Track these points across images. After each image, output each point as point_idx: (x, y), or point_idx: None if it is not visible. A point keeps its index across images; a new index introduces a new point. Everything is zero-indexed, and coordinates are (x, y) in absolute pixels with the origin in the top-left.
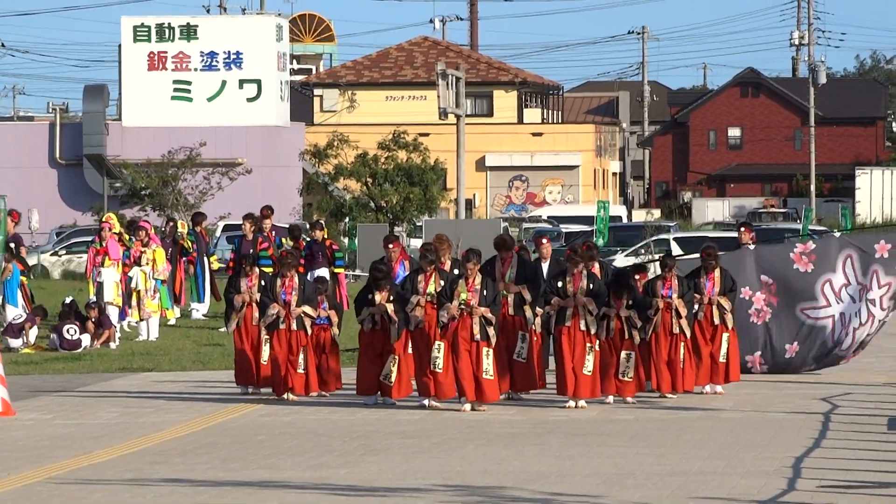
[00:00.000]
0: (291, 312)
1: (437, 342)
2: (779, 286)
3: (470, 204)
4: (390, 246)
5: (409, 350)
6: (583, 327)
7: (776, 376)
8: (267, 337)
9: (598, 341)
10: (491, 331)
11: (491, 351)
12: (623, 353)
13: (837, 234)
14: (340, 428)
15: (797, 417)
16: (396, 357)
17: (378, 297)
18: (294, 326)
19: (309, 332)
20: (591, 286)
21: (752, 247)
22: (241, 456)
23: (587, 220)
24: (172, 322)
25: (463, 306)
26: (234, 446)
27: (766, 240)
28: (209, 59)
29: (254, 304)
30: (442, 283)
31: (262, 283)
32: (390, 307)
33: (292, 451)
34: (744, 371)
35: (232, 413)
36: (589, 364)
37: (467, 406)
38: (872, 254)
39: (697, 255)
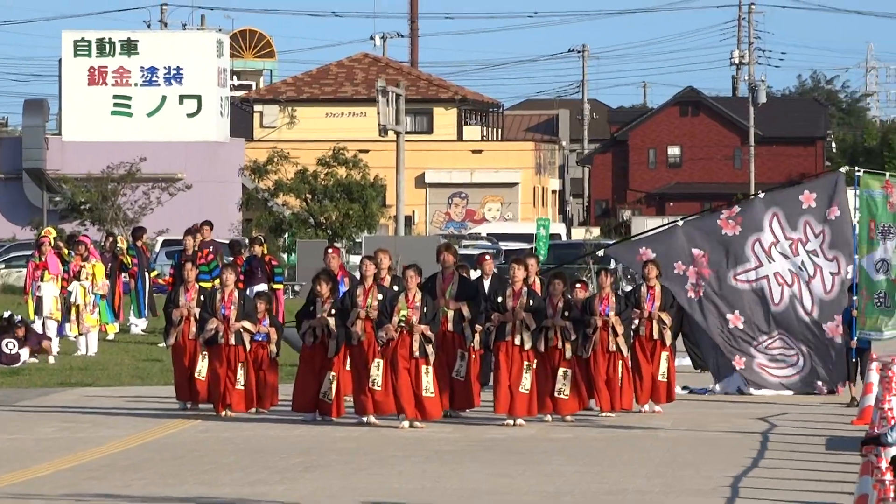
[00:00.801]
0: (230, 327)
1: (376, 359)
2: (710, 257)
3: (409, 221)
4: (329, 251)
5: (347, 367)
6: (518, 342)
7: (715, 397)
8: (205, 352)
9: (535, 359)
10: (430, 348)
11: (430, 368)
12: (560, 371)
13: (762, 195)
14: (279, 444)
15: (735, 437)
16: (335, 374)
17: (324, 291)
18: (233, 341)
19: (248, 347)
20: (531, 302)
21: (680, 222)
22: (179, 472)
23: (527, 237)
24: (111, 337)
25: (403, 323)
26: (172, 462)
27: None
28: (149, 75)
29: (192, 319)
30: (380, 296)
31: (202, 297)
32: (331, 321)
33: (230, 467)
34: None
35: (170, 428)
36: (526, 382)
37: (405, 423)
38: (800, 205)
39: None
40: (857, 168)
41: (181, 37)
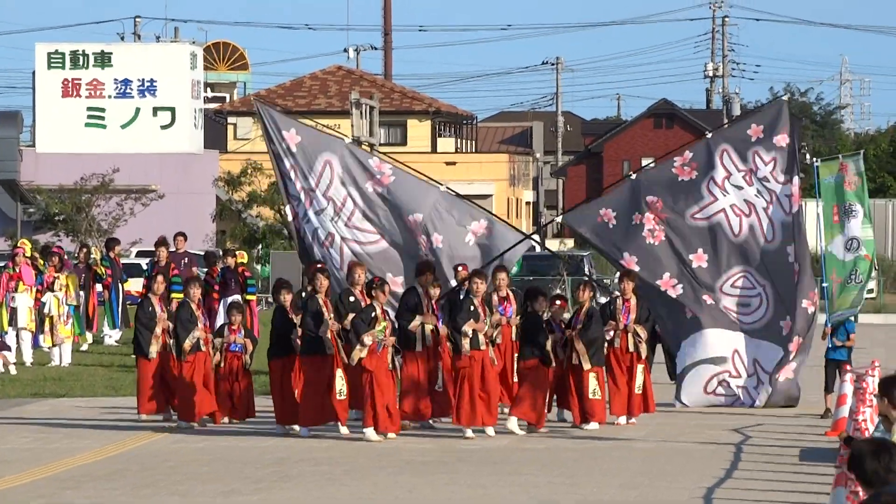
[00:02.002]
0: (207, 337)
1: (338, 370)
2: (665, 202)
3: None
4: (317, 267)
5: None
6: (491, 354)
7: (689, 408)
8: (185, 362)
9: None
10: (398, 361)
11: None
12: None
13: (710, 135)
14: (253, 454)
15: (709, 448)
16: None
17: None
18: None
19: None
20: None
21: (633, 175)
22: (152, 482)
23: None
24: (85, 348)
25: (381, 337)
26: (146, 472)
27: None
28: (123, 87)
29: (167, 331)
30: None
31: (170, 308)
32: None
33: (204, 477)
34: (656, 295)
35: (144, 439)
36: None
37: (376, 435)
38: (748, 139)
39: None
40: (814, 158)
41: (155, 49)
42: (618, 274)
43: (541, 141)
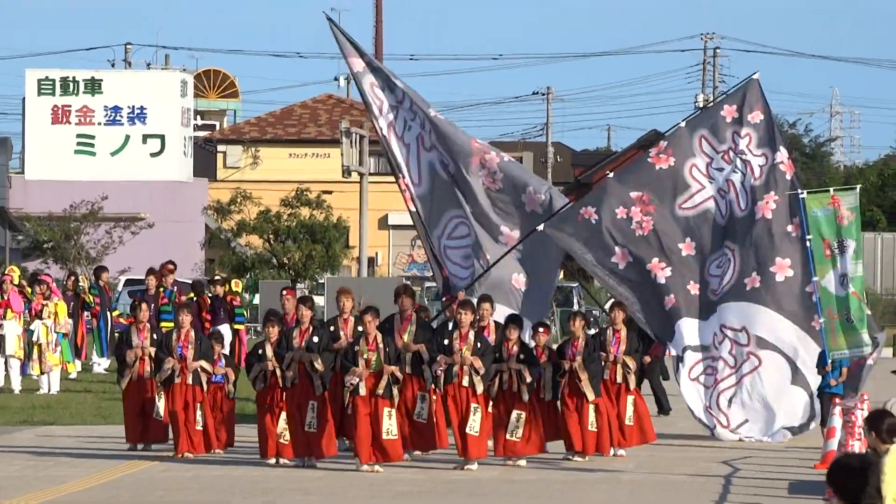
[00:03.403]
0: (188, 367)
1: (311, 402)
2: (651, 195)
3: (372, 262)
4: (284, 292)
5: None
6: (465, 384)
7: (678, 440)
8: (161, 392)
9: (489, 400)
10: (395, 390)
11: (393, 411)
12: (514, 414)
13: (683, 123)
14: (241, 484)
15: (698, 480)
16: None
17: (273, 333)
18: (190, 381)
19: (205, 388)
20: (479, 345)
21: (610, 174)
22: None
23: None
24: (73, 376)
25: (371, 366)
26: (134, 501)
27: None
28: (113, 114)
29: (147, 359)
30: (315, 339)
31: (155, 336)
32: (317, 359)
33: None
34: (647, 281)
35: (132, 468)
36: (475, 424)
37: (364, 467)
38: (724, 120)
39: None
40: (800, 191)
41: (145, 76)
42: (608, 305)
43: (531, 171)
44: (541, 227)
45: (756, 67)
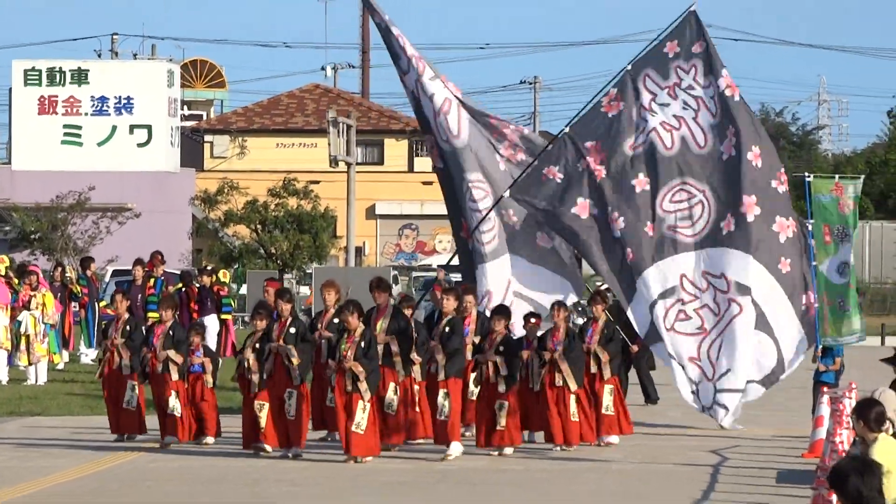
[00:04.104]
0: (157, 356)
1: (288, 390)
2: (604, 143)
3: (360, 252)
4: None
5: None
6: (433, 370)
7: (666, 429)
8: (134, 383)
9: (458, 385)
10: (362, 385)
11: (367, 404)
12: (497, 403)
13: (629, 67)
14: (228, 475)
15: (686, 469)
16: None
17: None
18: (159, 370)
19: (174, 376)
20: (447, 330)
21: (567, 129)
22: (129, 502)
23: None
24: (61, 366)
25: (342, 359)
26: (122, 492)
27: None
28: (100, 104)
29: (116, 350)
30: (293, 330)
31: (128, 328)
32: (292, 351)
33: (180, 497)
34: (609, 236)
35: (119, 459)
36: (444, 409)
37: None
38: (666, 56)
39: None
40: (806, 174)
41: (132, 66)
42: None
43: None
44: (506, 194)
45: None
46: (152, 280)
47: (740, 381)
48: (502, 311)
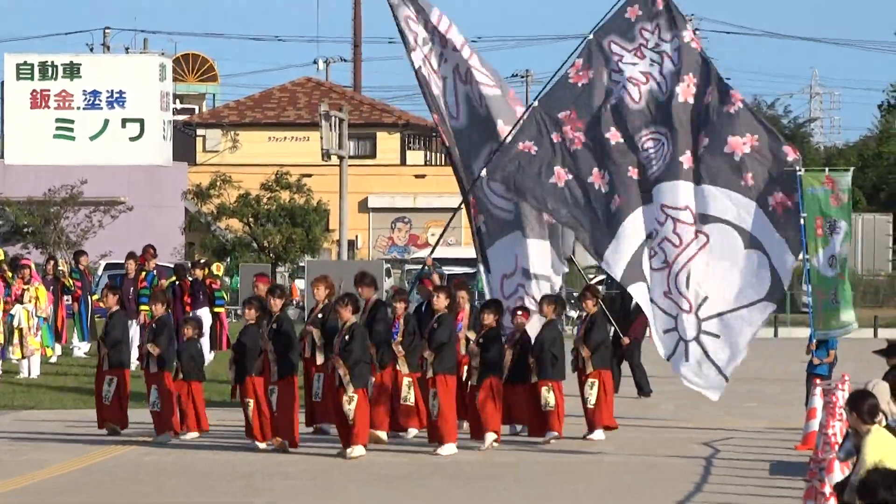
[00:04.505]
0: (141, 351)
1: (270, 386)
2: (577, 110)
3: (352, 245)
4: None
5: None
6: (430, 374)
7: (659, 422)
8: (111, 377)
9: (448, 383)
10: (345, 379)
11: (354, 397)
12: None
13: (591, 35)
14: (222, 468)
15: (679, 462)
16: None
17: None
18: (145, 364)
19: (153, 369)
20: (435, 326)
21: (536, 103)
22: (122, 495)
23: (470, 262)
24: (54, 360)
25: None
26: (115, 485)
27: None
28: (92, 98)
29: (100, 343)
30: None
31: (110, 321)
32: (317, 333)
33: (173, 490)
34: (591, 193)
35: (113, 452)
36: (433, 408)
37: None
38: (629, 21)
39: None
40: (797, 168)
41: (124, 60)
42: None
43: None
44: (483, 173)
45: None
46: (144, 273)
47: (719, 307)
48: (492, 305)
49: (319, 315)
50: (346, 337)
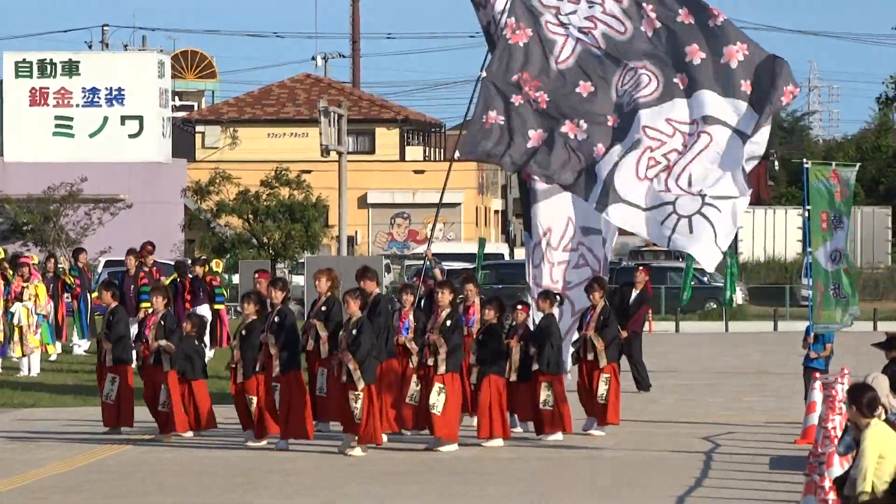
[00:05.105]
0: (150, 347)
1: (273, 383)
2: (530, 70)
3: (352, 241)
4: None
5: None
6: (430, 363)
7: (659, 417)
8: (114, 376)
9: (456, 380)
10: (355, 375)
11: (359, 394)
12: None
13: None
14: (222, 465)
15: (679, 456)
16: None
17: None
18: (151, 361)
19: (166, 367)
20: (447, 323)
21: (483, 73)
22: (122, 493)
23: (469, 257)
24: (54, 357)
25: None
26: (115, 483)
27: (650, 277)
28: (91, 95)
29: (103, 341)
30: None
31: (109, 319)
32: (321, 326)
33: (174, 488)
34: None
35: (113, 450)
36: (438, 404)
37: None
38: None
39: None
40: (804, 160)
41: (123, 58)
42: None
43: None
44: (457, 155)
45: None
46: (144, 270)
47: (733, 190)
48: (493, 301)
49: (323, 308)
50: (354, 331)
